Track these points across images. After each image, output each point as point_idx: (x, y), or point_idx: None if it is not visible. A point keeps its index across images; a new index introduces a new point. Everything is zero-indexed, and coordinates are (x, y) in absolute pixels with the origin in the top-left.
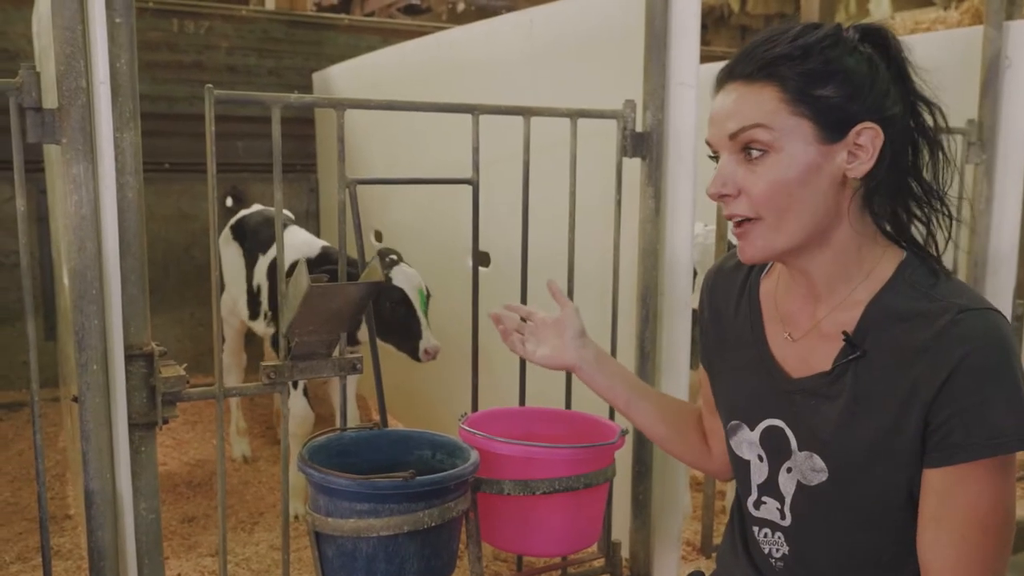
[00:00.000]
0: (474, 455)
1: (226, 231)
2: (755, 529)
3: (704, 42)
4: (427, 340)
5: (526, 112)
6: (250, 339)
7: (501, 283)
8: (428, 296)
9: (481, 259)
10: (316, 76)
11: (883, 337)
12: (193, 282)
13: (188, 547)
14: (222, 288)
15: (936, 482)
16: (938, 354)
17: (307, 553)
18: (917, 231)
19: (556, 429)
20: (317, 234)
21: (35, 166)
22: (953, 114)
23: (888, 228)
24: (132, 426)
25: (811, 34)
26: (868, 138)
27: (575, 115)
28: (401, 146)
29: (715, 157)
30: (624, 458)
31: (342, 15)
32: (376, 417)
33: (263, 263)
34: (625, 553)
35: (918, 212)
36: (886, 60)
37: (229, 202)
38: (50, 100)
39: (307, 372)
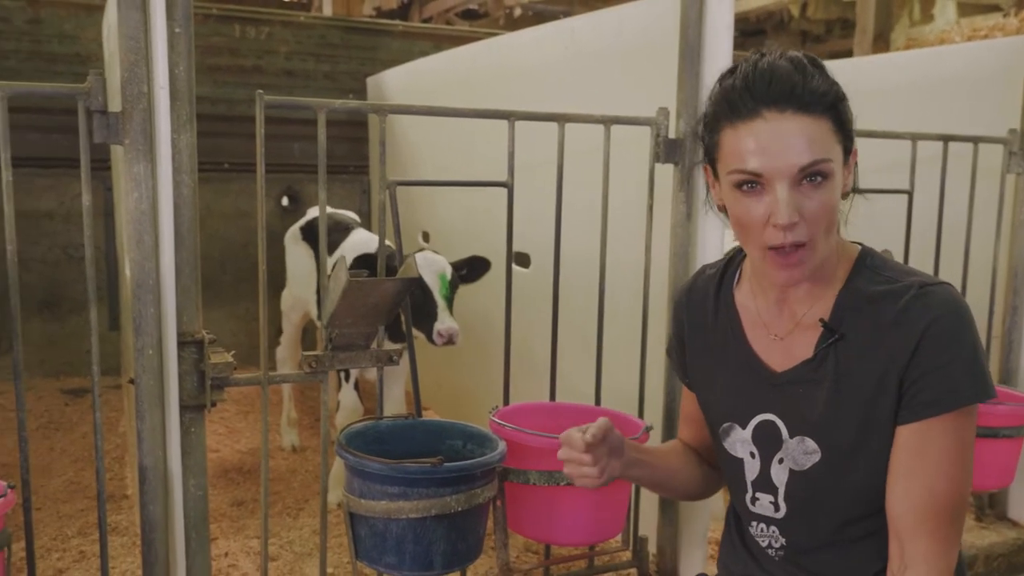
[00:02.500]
0: (502, 445)
1: (295, 230)
2: (752, 525)
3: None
4: (442, 322)
5: (561, 119)
6: (306, 334)
7: (541, 284)
8: (455, 283)
9: (522, 260)
10: (370, 80)
11: (857, 319)
12: (249, 278)
13: (237, 529)
14: (283, 285)
15: (906, 438)
16: (907, 325)
17: (347, 538)
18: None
19: (583, 422)
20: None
21: (103, 165)
22: (995, 123)
23: None
24: (183, 408)
25: (819, 65)
26: (853, 156)
27: (609, 122)
28: (449, 149)
29: (750, 183)
30: None
31: (396, 21)
32: (427, 411)
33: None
34: (652, 548)
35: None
36: None
37: (285, 201)
38: (115, 104)
39: (346, 362)
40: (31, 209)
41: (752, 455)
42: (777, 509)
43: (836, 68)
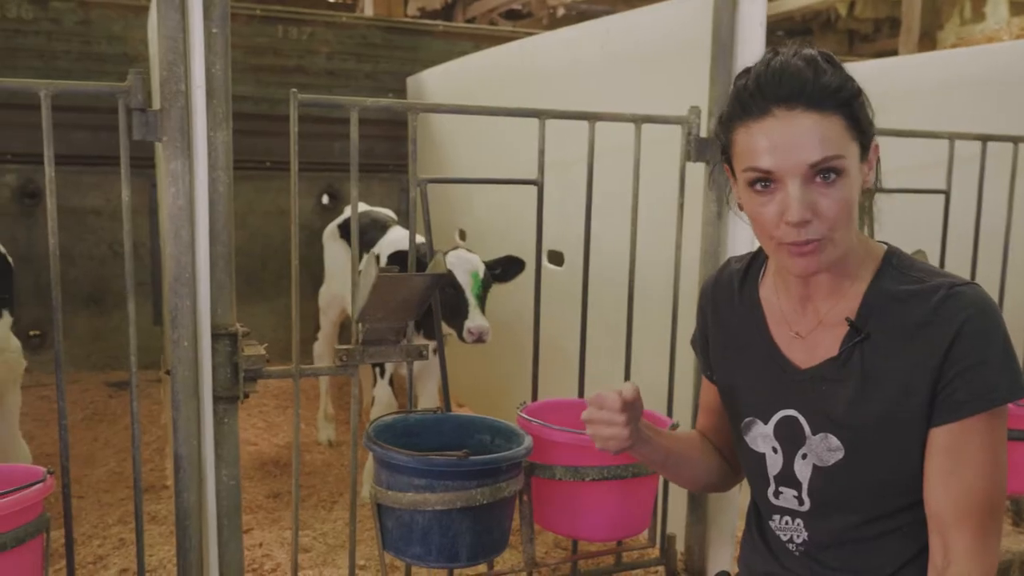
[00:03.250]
0: (528, 440)
1: (334, 228)
2: (775, 519)
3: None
4: (472, 320)
5: (591, 117)
6: (344, 330)
7: (574, 282)
8: (488, 282)
9: (556, 259)
10: (410, 80)
11: (884, 318)
12: (289, 274)
13: (272, 520)
14: (322, 281)
15: (943, 440)
16: (939, 325)
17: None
18: None
19: None
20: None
21: (149, 163)
22: None
23: None
24: (216, 399)
25: (834, 62)
26: (875, 151)
27: (640, 120)
28: (484, 148)
29: (763, 181)
30: None
31: (437, 22)
32: (463, 407)
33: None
34: (680, 547)
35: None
36: None
37: (325, 200)
38: (157, 102)
39: (376, 356)
40: (78, 206)
41: (775, 450)
42: (801, 503)
43: (874, 67)
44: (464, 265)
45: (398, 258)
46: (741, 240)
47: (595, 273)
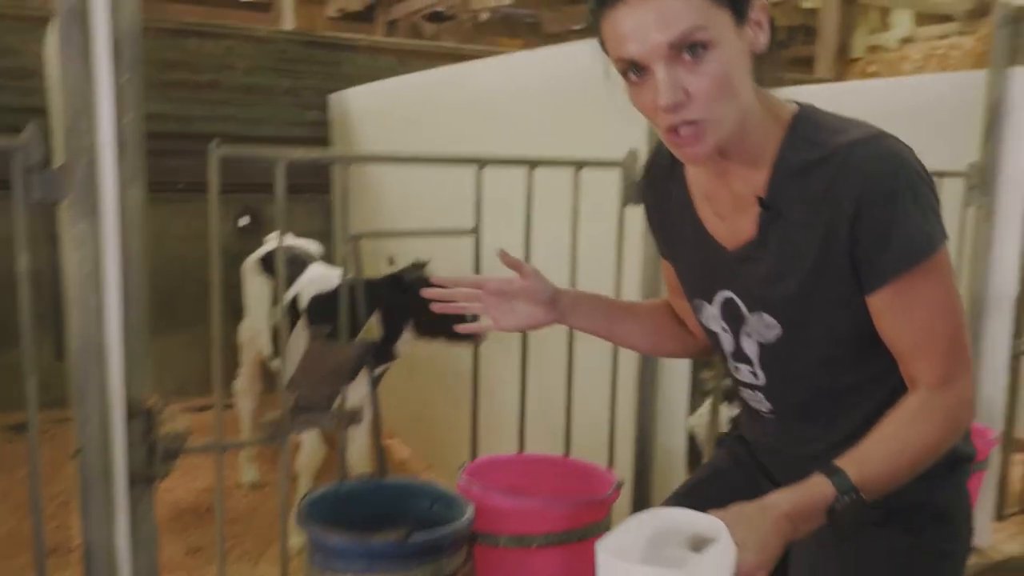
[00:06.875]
0: (469, 510)
1: (255, 262)
2: (743, 391)
3: None
4: None
5: (531, 163)
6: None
7: None
8: None
9: None
10: (333, 97)
11: (791, 193)
12: (207, 299)
13: None
14: (239, 310)
15: (882, 302)
16: (839, 192)
17: None
18: None
19: (554, 476)
20: (330, 255)
21: None
22: (955, 157)
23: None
24: (132, 481)
25: None
26: (761, 13)
27: (579, 165)
28: (416, 173)
29: (634, 70)
30: (623, 509)
31: (360, 35)
32: (394, 439)
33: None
34: None
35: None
36: None
37: (243, 221)
38: (56, 156)
39: (307, 424)
40: None
41: (724, 329)
42: (756, 377)
43: (795, 94)
44: None
45: (320, 301)
46: None
47: None
